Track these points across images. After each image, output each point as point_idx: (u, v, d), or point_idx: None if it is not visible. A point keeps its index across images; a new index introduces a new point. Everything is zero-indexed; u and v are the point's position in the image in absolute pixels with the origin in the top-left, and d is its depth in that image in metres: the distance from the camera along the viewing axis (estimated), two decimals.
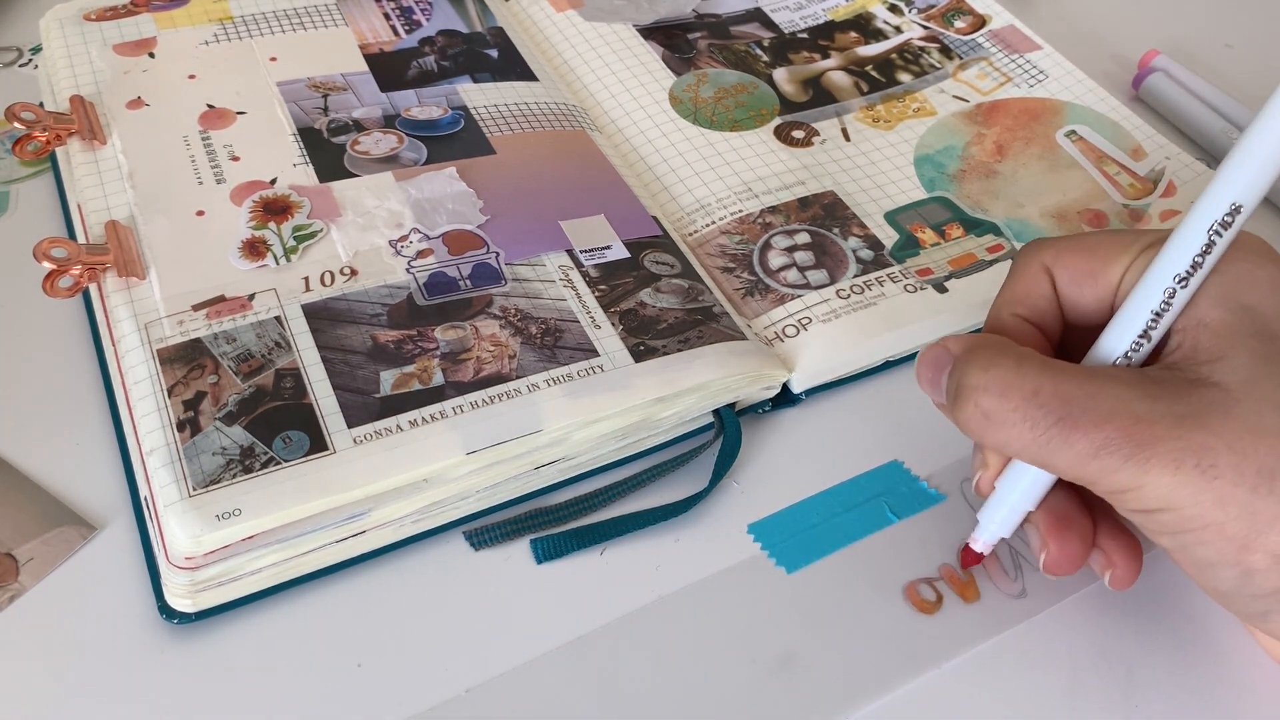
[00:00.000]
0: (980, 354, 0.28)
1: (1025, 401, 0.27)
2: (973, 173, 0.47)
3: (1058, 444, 0.27)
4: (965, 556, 0.33)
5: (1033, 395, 0.27)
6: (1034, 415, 0.27)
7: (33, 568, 0.33)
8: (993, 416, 0.28)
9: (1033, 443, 0.27)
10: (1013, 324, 0.31)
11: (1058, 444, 0.27)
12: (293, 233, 0.39)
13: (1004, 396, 0.27)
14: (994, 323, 0.32)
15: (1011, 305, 0.32)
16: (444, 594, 0.33)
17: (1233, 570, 0.26)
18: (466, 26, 0.51)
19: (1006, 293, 0.32)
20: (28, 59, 0.52)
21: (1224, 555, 0.26)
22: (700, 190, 0.45)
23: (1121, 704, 0.32)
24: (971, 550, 0.32)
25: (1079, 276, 0.31)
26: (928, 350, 0.31)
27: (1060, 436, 0.26)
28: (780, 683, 0.32)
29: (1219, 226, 0.28)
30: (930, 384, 0.30)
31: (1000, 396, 0.27)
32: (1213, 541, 0.26)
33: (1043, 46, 0.53)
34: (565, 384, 0.35)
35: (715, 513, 0.36)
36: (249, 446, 0.32)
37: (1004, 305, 0.32)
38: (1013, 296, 0.32)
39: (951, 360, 0.30)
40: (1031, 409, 0.27)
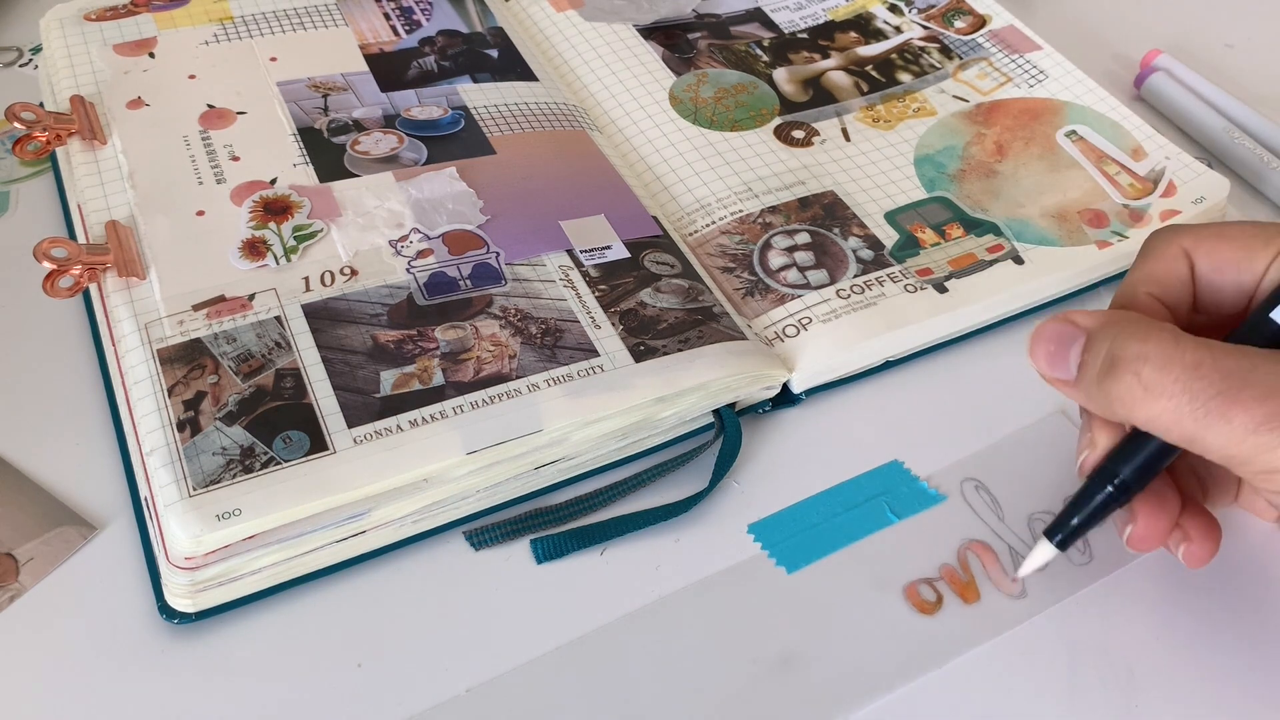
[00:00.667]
0: (1135, 326, 0.28)
1: (1186, 373, 0.27)
2: (973, 173, 0.47)
3: (1215, 418, 0.26)
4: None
5: (1194, 367, 0.27)
6: (1195, 387, 0.26)
7: (33, 568, 0.33)
8: (1153, 388, 0.27)
9: (1189, 415, 0.27)
10: (1146, 302, 0.31)
11: (1215, 418, 0.26)
12: (293, 233, 0.39)
13: (1165, 368, 0.27)
14: (1126, 299, 0.31)
15: (1147, 284, 0.31)
16: (444, 594, 0.33)
17: None
18: (466, 26, 0.51)
19: (1141, 271, 0.32)
20: (28, 59, 0.52)
21: None
22: (700, 190, 0.45)
23: (1121, 704, 0.32)
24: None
25: (1222, 264, 0.31)
26: (1048, 325, 0.30)
27: (1219, 410, 0.26)
28: (780, 683, 0.32)
29: None
30: (1050, 359, 0.30)
31: (1161, 368, 0.27)
32: None
33: (1043, 46, 0.53)
34: (565, 384, 0.35)
35: (715, 513, 0.36)
36: (249, 446, 0.32)
37: (1139, 283, 0.31)
38: (1148, 275, 0.31)
39: (1080, 334, 0.29)
40: (1193, 381, 0.26)
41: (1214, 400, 0.26)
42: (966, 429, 0.38)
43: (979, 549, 0.35)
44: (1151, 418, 0.27)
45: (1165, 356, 0.27)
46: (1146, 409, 0.27)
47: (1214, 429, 0.26)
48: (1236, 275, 0.30)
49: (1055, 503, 0.36)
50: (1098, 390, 0.28)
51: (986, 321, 0.42)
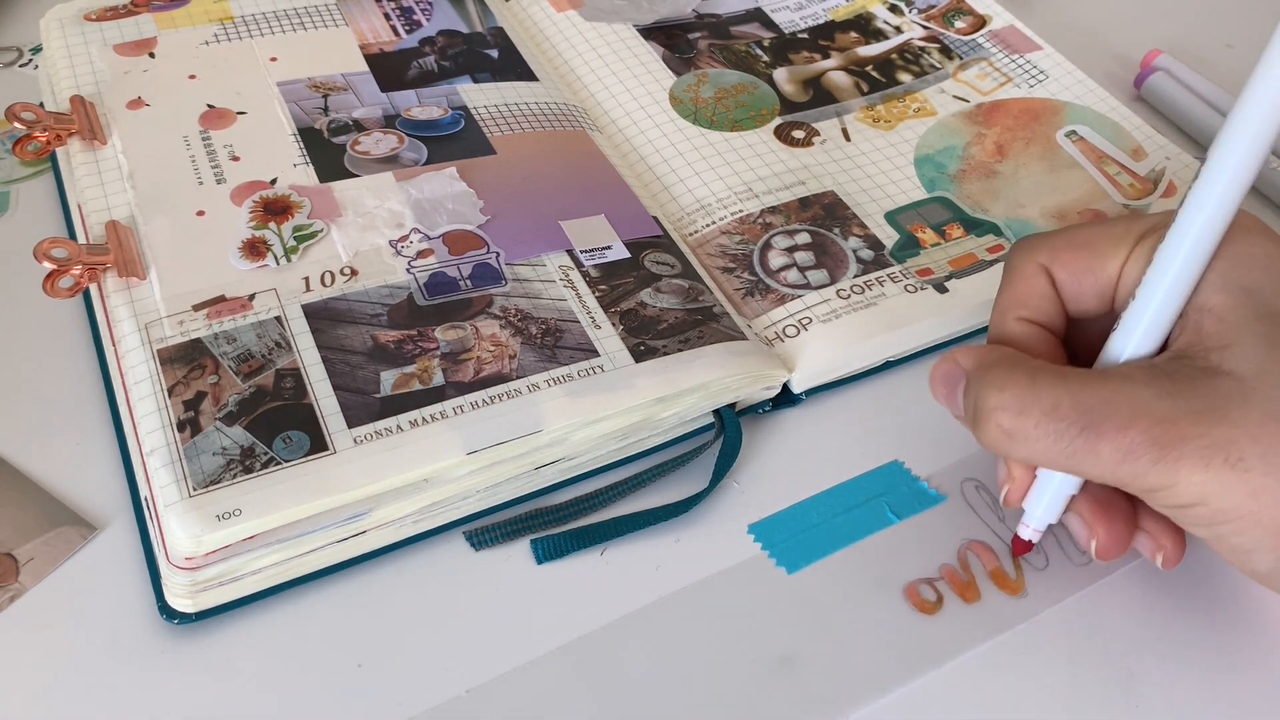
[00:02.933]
0: (993, 373, 0.29)
1: (1045, 416, 0.27)
2: (973, 173, 0.47)
3: (1084, 454, 0.27)
4: (1016, 545, 0.34)
5: (1052, 410, 0.27)
6: (1057, 428, 0.27)
7: (33, 568, 0.33)
8: (1015, 435, 0.28)
9: (1059, 455, 0.27)
10: (1017, 330, 0.31)
11: (1084, 454, 0.27)
12: (293, 233, 0.39)
13: (1023, 414, 0.28)
14: (998, 330, 0.32)
15: (1014, 309, 0.32)
16: (444, 594, 0.33)
17: (1271, 554, 0.27)
18: (467, 26, 0.51)
19: (1006, 297, 0.32)
20: (28, 59, 0.52)
21: (1261, 542, 0.27)
22: (700, 190, 0.45)
23: (1121, 704, 0.32)
24: (1020, 538, 0.33)
25: (1077, 273, 0.31)
26: (939, 365, 0.31)
27: (1085, 446, 0.27)
28: (780, 683, 0.32)
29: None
30: (946, 399, 0.31)
31: (1020, 415, 0.28)
32: (1248, 530, 0.26)
33: (1043, 47, 0.53)
34: (565, 384, 0.35)
35: (715, 513, 0.36)
36: (249, 447, 0.32)
37: (1006, 310, 0.32)
38: (1014, 300, 0.32)
39: (964, 375, 0.30)
40: (1053, 422, 0.27)
41: (1078, 439, 0.27)
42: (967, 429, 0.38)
43: (979, 549, 0.35)
44: (1027, 458, 0.28)
45: (1021, 404, 0.28)
46: (1017, 451, 0.28)
47: (1085, 462, 0.27)
48: (1094, 281, 0.31)
49: None
50: (976, 436, 0.29)
51: (987, 322, 0.42)
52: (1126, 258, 0.30)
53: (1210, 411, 0.26)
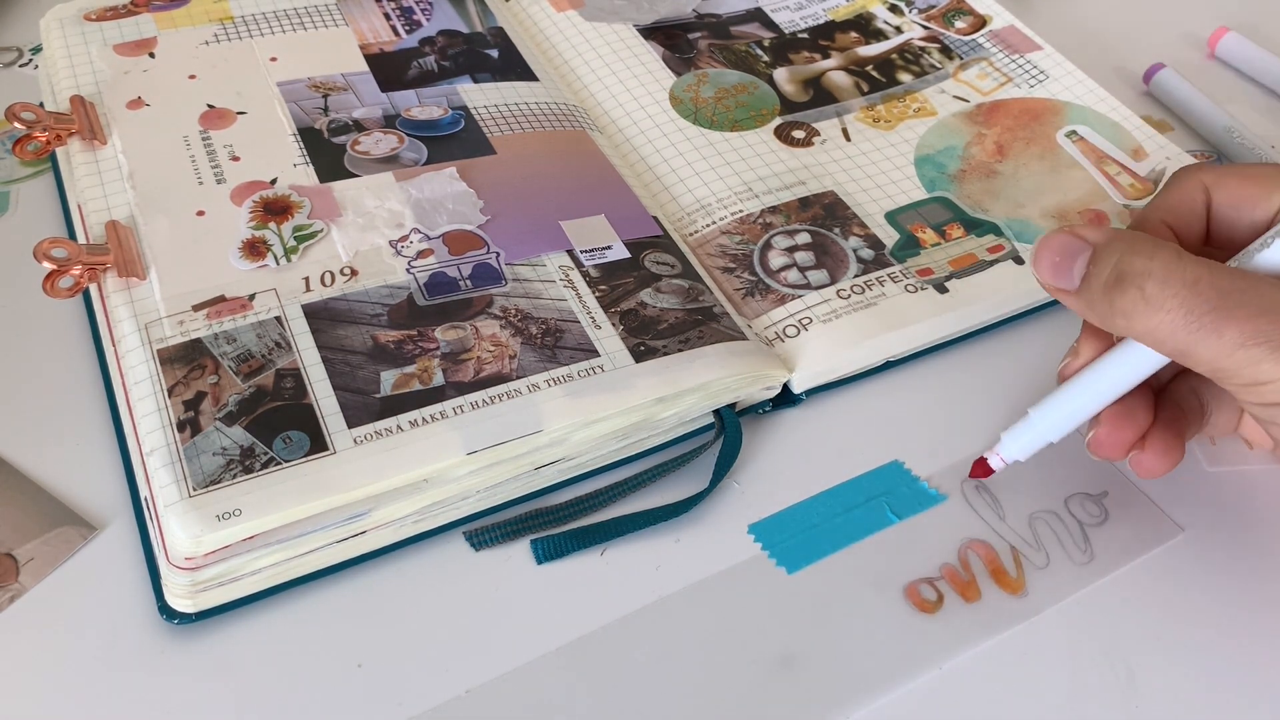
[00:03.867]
0: (1140, 242, 0.29)
1: (1185, 288, 0.28)
2: (973, 173, 0.47)
3: (1208, 332, 0.28)
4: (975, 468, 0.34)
5: (1194, 283, 0.28)
6: (1191, 302, 0.28)
7: (33, 568, 0.33)
8: (1153, 301, 0.28)
9: (1184, 328, 0.28)
10: (1159, 229, 0.32)
11: (1208, 332, 0.28)
12: (293, 233, 0.39)
13: (1165, 283, 0.28)
14: (1140, 222, 0.33)
15: (1162, 212, 0.33)
16: (444, 594, 0.33)
17: None
18: (467, 26, 0.51)
19: (1160, 200, 0.33)
20: (28, 59, 0.52)
21: None
22: (701, 190, 0.45)
23: (1121, 704, 0.32)
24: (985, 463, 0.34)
25: (1239, 200, 0.32)
26: (1054, 236, 0.31)
27: (1213, 324, 0.28)
28: (780, 683, 0.32)
29: None
30: (1055, 269, 0.31)
31: (1163, 283, 0.28)
32: None
33: (1043, 47, 0.53)
34: (565, 384, 0.35)
35: (716, 513, 0.36)
36: (249, 447, 0.32)
37: (1156, 210, 0.33)
38: (1166, 205, 0.33)
39: (1087, 248, 0.30)
40: (1190, 296, 0.28)
41: (1208, 315, 0.28)
42: (967, 429, 0.38)
43: (980, 548, 0.35)
44: (1149, 329, 0.29)
45: (1167, 272, 0.28)
46: (1145, 321, 0.29)
47: (1205, 343, 0.28)
48: (1251, 211, 0.32)
49: (1056, 502, 0.36)
50: (1102, 300, 0.30)
51: (987, 321, 0.42)
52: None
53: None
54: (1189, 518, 0.36)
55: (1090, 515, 0.36)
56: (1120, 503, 0.36)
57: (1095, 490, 0.37)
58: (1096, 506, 0.36)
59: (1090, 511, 0.36)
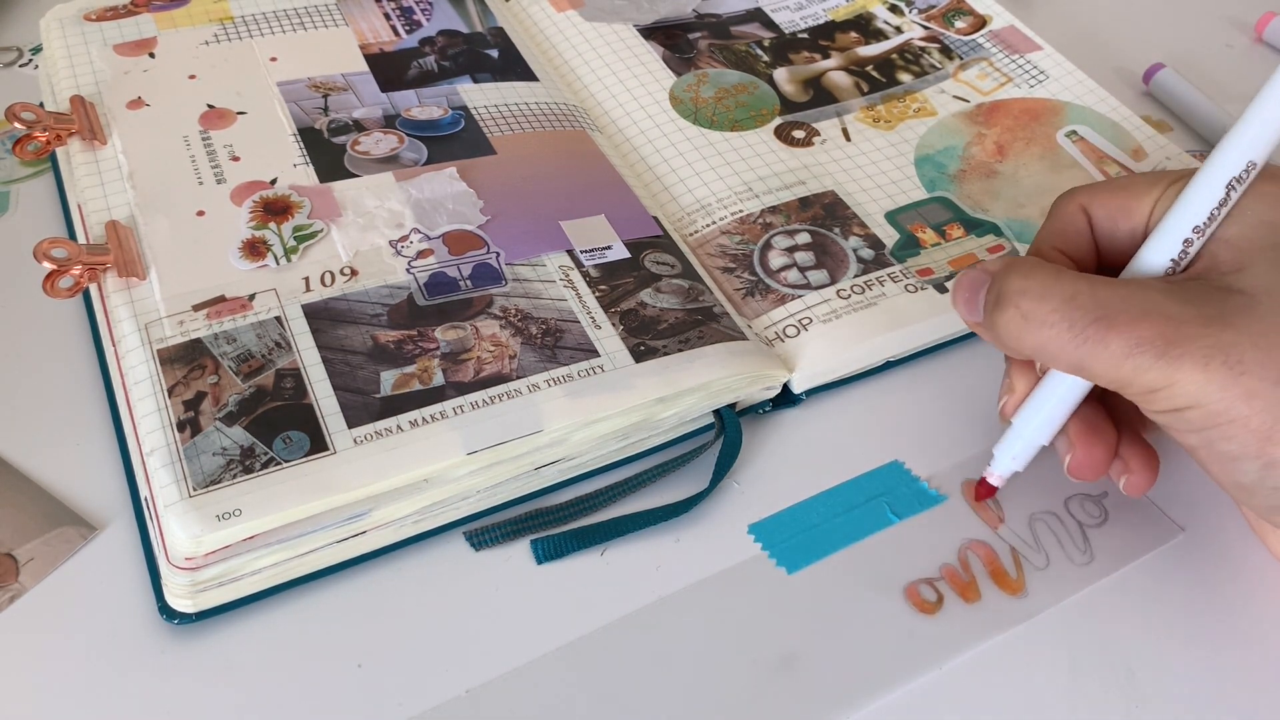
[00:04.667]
0: (1021, 265, 0.30)
1: (1064, 303, 0.29)
2: (973, 173, 0.47)
3: (1094, 344, 0.28)
4: (979, 489, 0.35)
5: (1071, 298, 0.29)
6: (1072, 315, 0.28)
7: (33, 568, 0.33)
8: (1031, 318, 0.29)
9: (1070, 342, 0.28)
10: (1051, 256, 0.33)
11: (1094, 344, 0.28)
12: (293, 233, 0.39)
13: (1043, 299, 0.29)
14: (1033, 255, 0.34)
15: (1051, 240, 0.33)
16: (444, 594, 0.33)
17: (1255, 463, 0.28)
18: (467, 26, 0.51)
19: (1045, 230, 0.34)
20: (28, 59, 0.52)
21: (1248, 449, 0.28)
22: (701, 190, 0.45)
23: (1121, 704, 0.32)
24: (986, 482, 0.34)
25: (1113, 212, 0.33)
26: (965, 273, 0.32)
27: (1096, 336, 0.28)
28: (780, 683, 0.32)
29: (1235, 181, 0.30)
30: (966, 304, 0.32)
31: (1039, 299, 0.29)
32: (1237, 435, 0.27)
33: (1043, 47, 0.53)
34: (566, 384, 0.35)
35: (716, 513, 0.36)
36: (249, 447, 0.32)
37: (1044, 240, 0.34)
38: (1051, 232, 0.34)
39: (989, 278, 0.31)
40: (1070, 309, 0.28)
41: (1090, 327, 0.28)
42: (967, 429, 0.38)
43: (980, 549, 0.35)
44: (1037, 346, 0.29)
45: (1044, 289, 0.29)
46: (1030, 338, 0.29)
47: (1094, 354, 0.28)
48: (1127, 221, 0.33)
49: (1056, 503, 0.36)
50: (989, 323, 0.31)
51: None
52: (1158, 199, 0.32)
53: (1218, 318, 0.27)
54: (1189, 518, 0.36)
55: (1090, 516, 0.36)
56: (1120, 503, 0.37)
57: (1095, 491, 0.37)
58: (1096, 507, 0.36)
59: (1090, 512, 0.36)
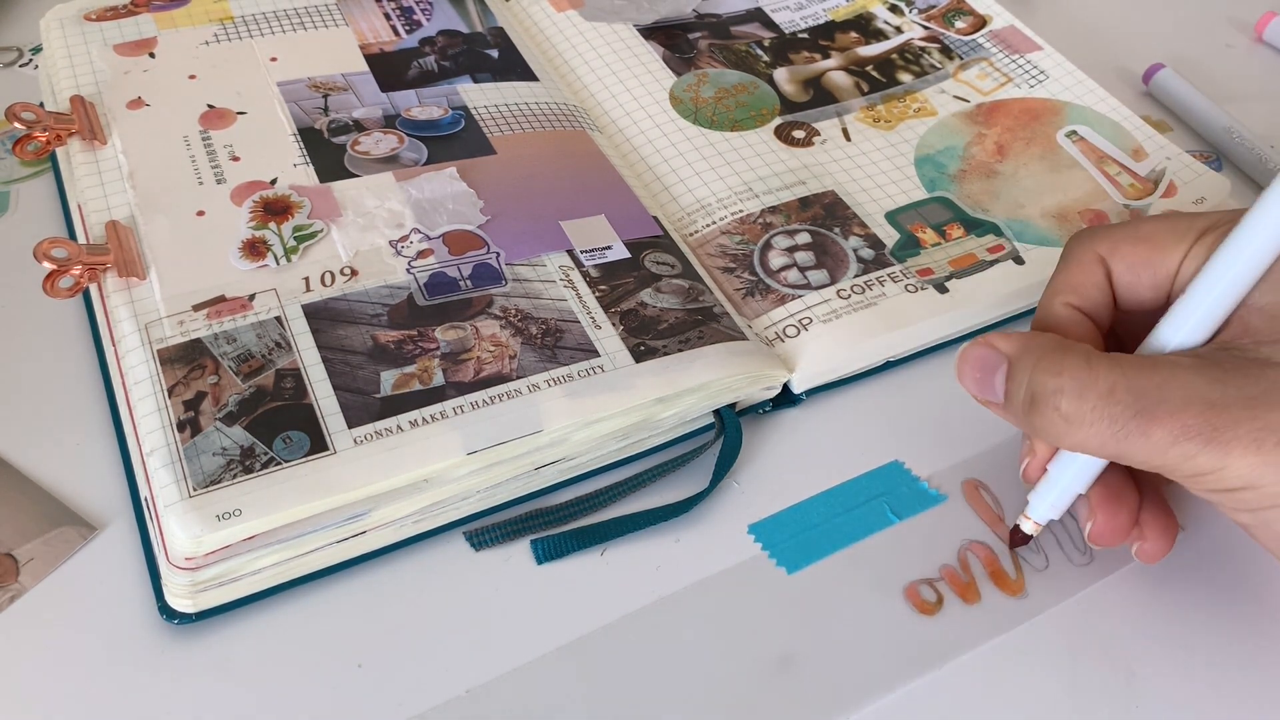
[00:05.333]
0: (1048, 358, 0.29)
1: (1102, 400, 0.27)
2: (973, 173, 0.47)
3: (1136, 437, 0.27)
4: (1014, 537, 0.34)
5: (1108, 393, 0.27)
6: (1112, 412, 0.27)
7: (33, 568, 0.33)
8: (1072, 419, 0.28)
9: (1111, 439, 0.27)
10: (1065, 315, 0.32)
11: (1136, 437, 0.27)
12: (293, 233, 0.39)
13: (1081, 398, 0.28)
14: (1045, 313, 0.32)
15: (1064, 294, 0.32)
16: (444, 594, 0.33)
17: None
18: (467, 26, 0.51)
19: (1059, 281, 0.32)
20: (28, 59, 0.52)
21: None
22: (701, 190, 0.45)
23: (1121, 704, 0.32)
24: (1021, 531, 0.33)
25: (1136, 265, 0.31)
26: (971, 349, 0.31)
27: (1139, 429, 0.27)
28: (780, 683, 0.32)
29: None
30: (979, 385, 0.31)
31: (1078, 398, 0.28)
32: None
33: (1043, 47, 0.53)
34: (566, 384, 0.35)
35: (716, 513, 0.36)
36: (249, 447, 0.32)
37: (1056, 294, 0.32)
38: (1065, 285, 0.32)
39: (1003, 360, 0.30)
40: (1109, 406, 0.27)
41: (1132, 421, 0.27)
42: (967, 429, 0.38)
43: (979, 549, 0.35)
44: (1078, 444, 0.28)
45: (1080, 386, 0.28)
46: (1071, 438, 0.28)
47: (1136, 447, 0.27)
48: (1152, 275, 0.31)
49: None
50: (1025, 423, 0.29)
51: (987, 321, 0.42)
52: (1186, 252, 0.30)
53: (1262, 398, 0.26)
54: (1189, 518, 0.36)
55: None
56: None
57: None
58: None
59: None
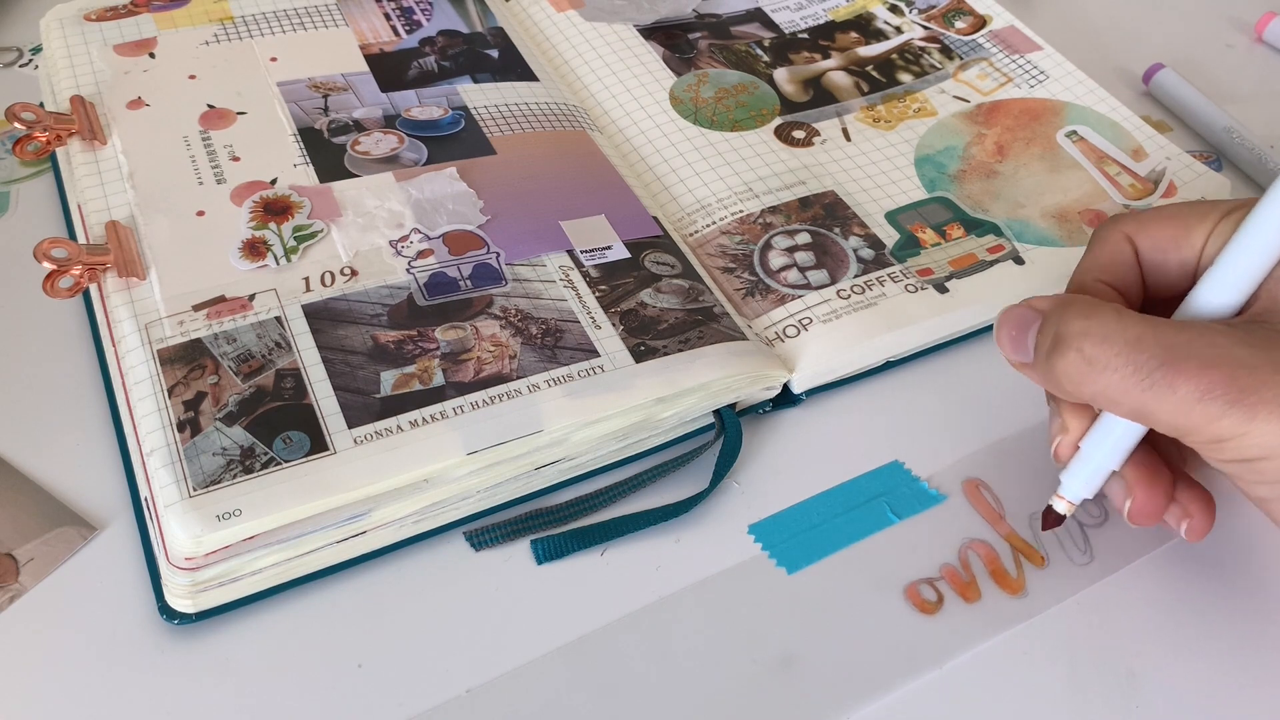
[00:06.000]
0: (1079, 304, 0.29)
1: (1129, 346, 0.27)
2: (973, 173, 0.47)
3: (1161, 389, 0.27)
4: (1046, 518, 0.33)
5: (1136, 341, 0.27)
6: (1137, 359, 0.27)
7: (33, 568, 0.33)
8: (1095, 362, 0.28)
9: (1135, 387, 0.27)
10: (1097, 289, 0.32)
11: (1161, 389, 0.27)
12: (293, 233, 0.39)
13: (1107, 342, 0.27)
14: (1078, 287, 0.32)
15: (1094, 271, 0.32)
16: (444, 594, 0.33)
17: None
18: (467, 26, 0.51)
19: (1089, 260, 0.33)
20: (28, 59, 0.52)
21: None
22: (701, 190, 0.45)
23: (1121, 704, 0.32)
24: (1054, 511, 0.33)
25: (1163, 243, 0.31)
26: (1010, 310, 0.31)
27: (1164, 381, 0.27)
28: (780, 683, 0.32)
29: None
30: (1013, 343, 0.30)
31: (1103, 341, 0.28)
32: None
33: (1043, 47, 0.53)
34: (566, 384, 0.35)
35: (716, 513, 0.36)
36: (249, 447, 0.32)
37: (1087, 271, 0.32)
38: (1095, 264, 0.32)
39: (1038, 317, 0.30)
40: (1135, 353, 0.27)
41: (1158, 371, 0.27)
42: (967, 429, 0.38)
43: (980, 548, 0.35)
44: (1098, 392, 0.28)
45: (1106, 331, 0.28)
46: (1092, 383, 0.28)
47: (1161, 399, 0.27)
48: (1177, 253, 0.31)
49: None
50: (1046, 368, 0.29)
51: (987, 321, 0.42)
52: (1211, 231, 0.31)
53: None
54: None
55: (1090, 516, 0.36)
56: None
57: None
58: (1097, 507, 0.36)
59: (1090, 512, 0.36)
